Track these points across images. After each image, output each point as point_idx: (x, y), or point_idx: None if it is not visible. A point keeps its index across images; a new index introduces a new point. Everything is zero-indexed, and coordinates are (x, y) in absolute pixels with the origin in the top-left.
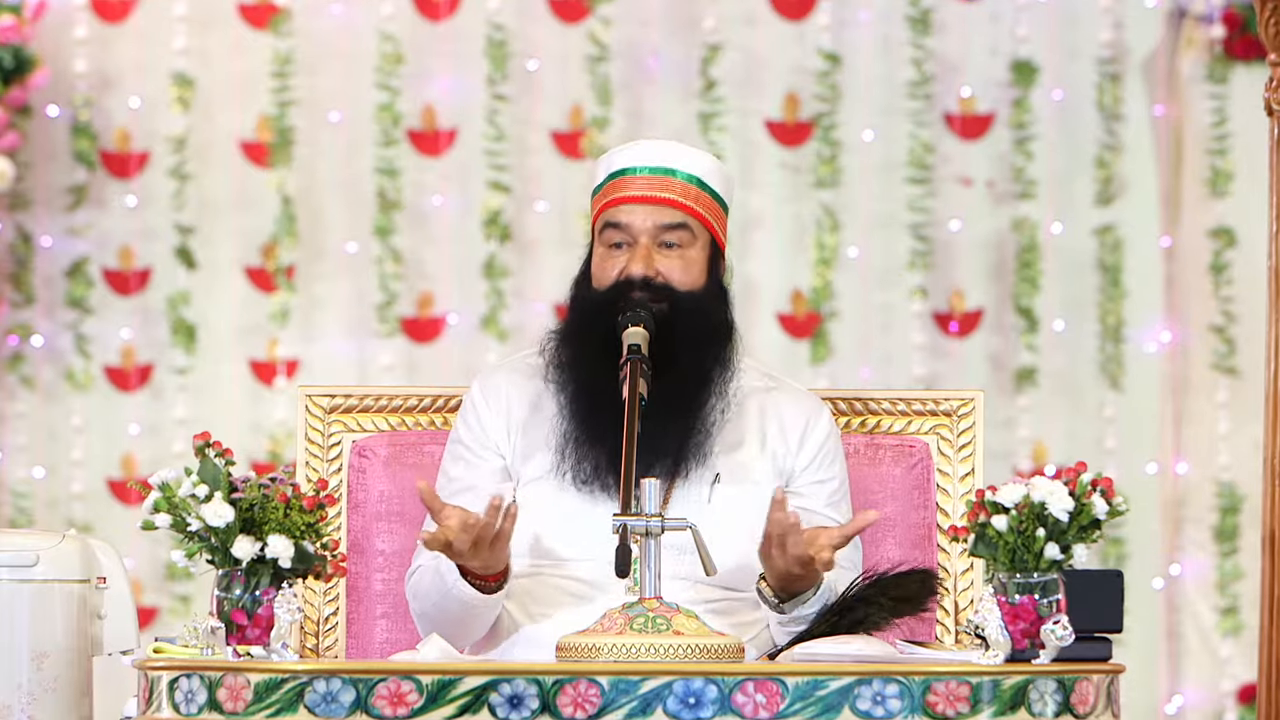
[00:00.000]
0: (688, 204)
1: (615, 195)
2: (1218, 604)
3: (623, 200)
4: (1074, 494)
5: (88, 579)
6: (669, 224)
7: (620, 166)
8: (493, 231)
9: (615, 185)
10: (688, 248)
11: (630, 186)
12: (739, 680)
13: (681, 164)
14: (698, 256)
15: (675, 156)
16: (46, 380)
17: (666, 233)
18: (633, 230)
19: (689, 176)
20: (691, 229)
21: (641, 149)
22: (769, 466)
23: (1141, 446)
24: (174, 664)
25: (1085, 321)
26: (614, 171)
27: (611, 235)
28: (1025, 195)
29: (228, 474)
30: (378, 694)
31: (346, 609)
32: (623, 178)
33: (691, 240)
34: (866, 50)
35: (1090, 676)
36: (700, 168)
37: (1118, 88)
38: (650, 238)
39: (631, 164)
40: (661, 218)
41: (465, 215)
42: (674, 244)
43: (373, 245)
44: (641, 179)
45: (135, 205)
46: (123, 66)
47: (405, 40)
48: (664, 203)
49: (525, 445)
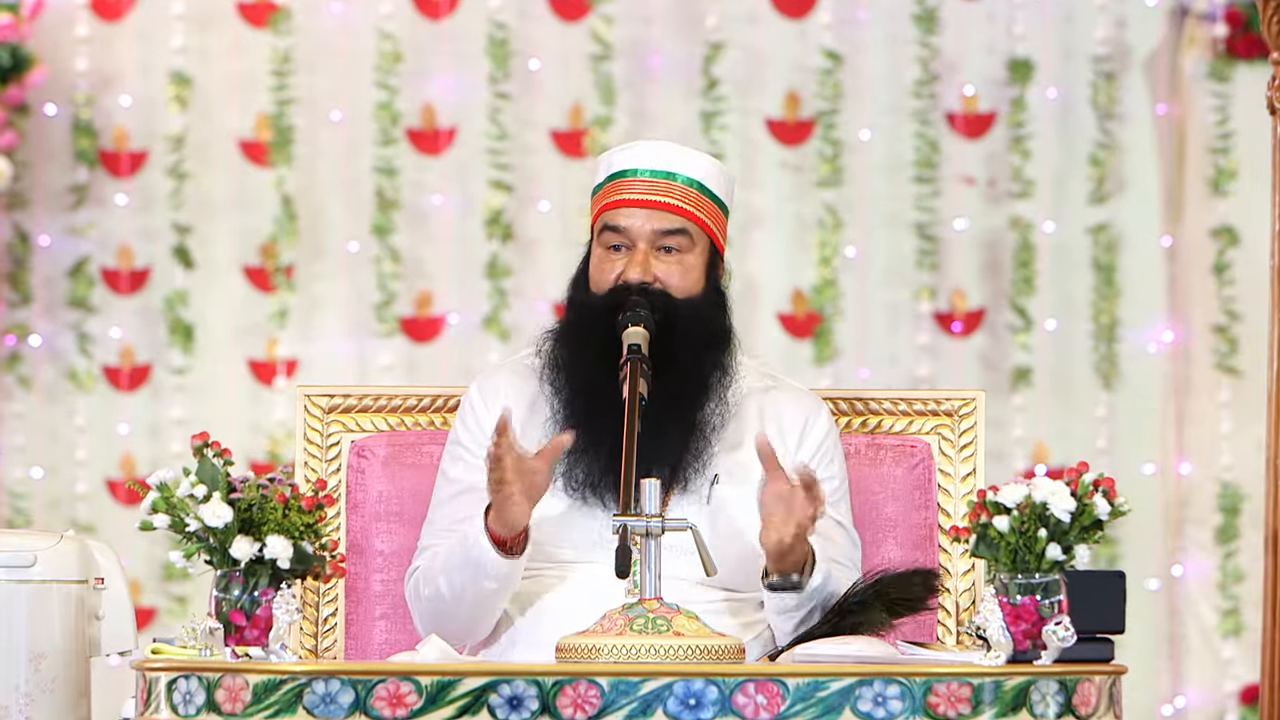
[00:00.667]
0: (687, 209)
1: (615, 197)
2: (1220, 605)
3: (622, 203)
4: (1076, 494)
5: (85, 580)
6: (668, 229)
7: (621, 167)
8: (495, 231)
9: (615, 187)
10: (686, 253)
11: (630, 189)
12: (739, 681)
13: (682, 167)
14: (696, 262)
15: (676, 159)
16: (44, 380)
17: (665, 238)
18: (631, 234)
19: (689, 180)
20: (690, 234)
21: (642, 150)
22: None
23: (1139, 447)
24: (172, 665)
25: (1082, 321)
26: (614, 172)
27: (610, 238)
28: (1023, 194)
29: (226, 474)
30: (377, 695)
31: (345, 610)
32: (623, 179)
33: (690, 245)
34: (868, 48)
35: (1092, 678)
36: (701, 171)
37: (1114, 87)
38: (648, 242)
39: (632, 165)
40: (660, 223)
41: (466, 215)
42: (672, 249)
43: (372, 245)
44: (642, 182)
45: (134, 204)
46: (121, 65)
47: (405, 39)
48: (663, 207)
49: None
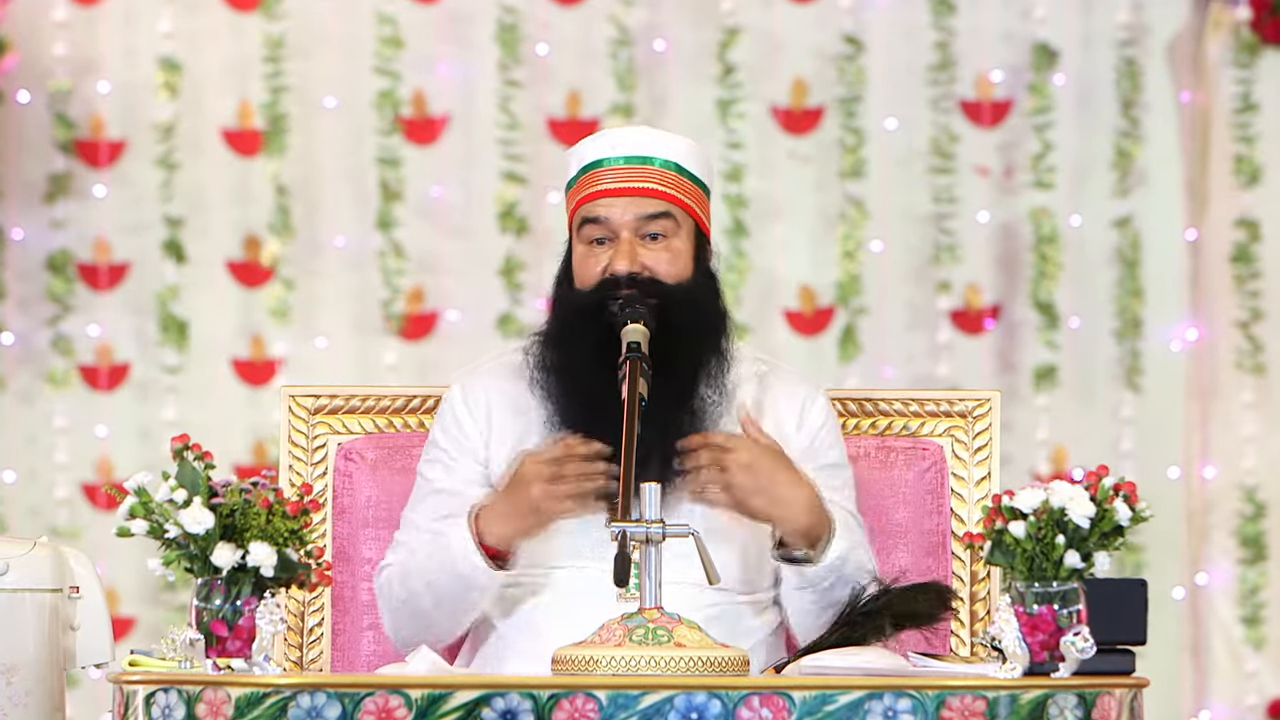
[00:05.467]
0: (668, 191)
1: (591, 189)
2: (1245, 614)
3: (600, 194)
4: (1095, 499)
5: (60, 588)
6: (651, 214)
7: (594, 158)
8: (509, 225)
9: (590, 179)
10: (672, 238)
11: (606, 179)
12: (744, 694)
13: (657, 150)
14: (683, 246)
15: (650, 143)
16: (20, 380)
17: (649, 224)
18: (613, 224)
19: (666, 162)
20: (675, 217)
21: (613, 137)
22: None
23: (1165, 449)
24: (150, 678)
25: (1103, 318)
26: (588, 164)
27: (591, 231)
28: (1042, 185)
29: (207, 478)
30: (365, 709)
31: (332, 620)
32: (597, 170)
33: (675, 229)
34: (886, 33)
35: (1113, 691)
36: (677, 152)
37: (1137, 72)
38: (632, 231)
39: (605, 154)
40: (642, 209)
41: (471, 206)
42: (658, 235)
43: (373, 239)
44: (617, 170)
45: (114, 196)
46: (102, 50)
47: (404, 23)
48: (643, 193)
49: (508, 453)
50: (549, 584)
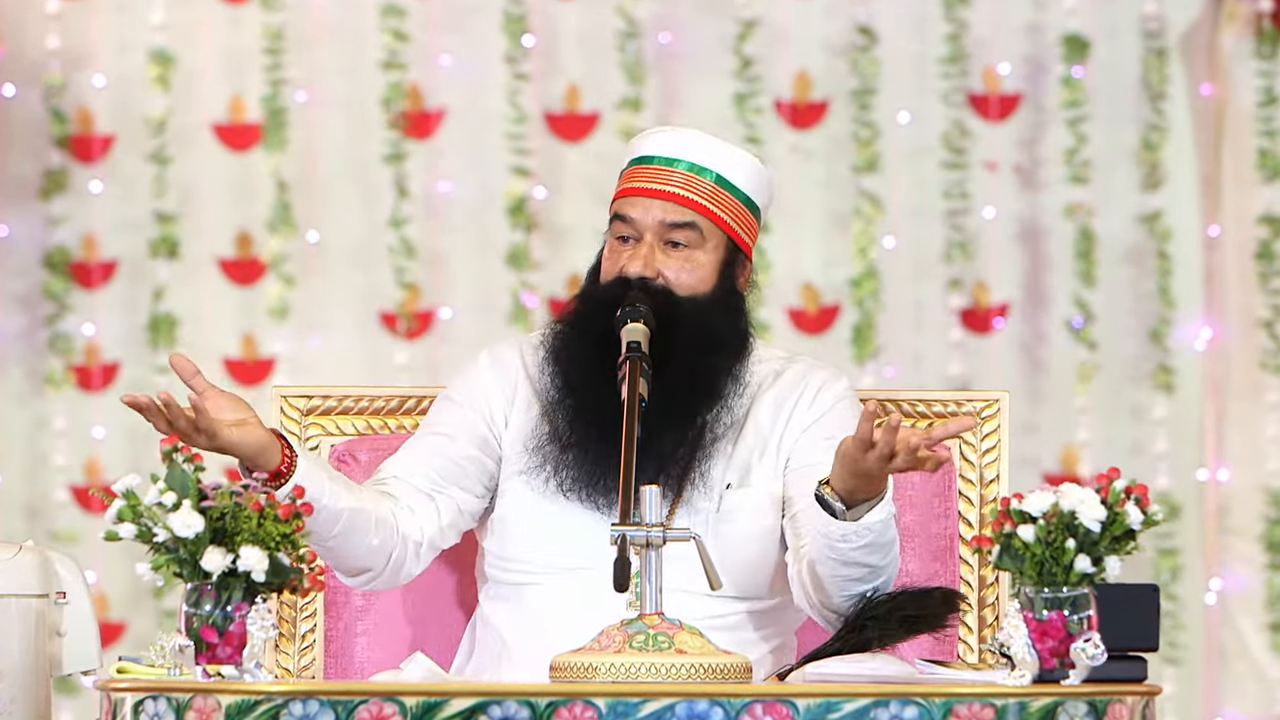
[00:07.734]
0: (699, 201)
1: (627, 185)
2: (1265, 620)
3: (632, 191)
4: (1106, 502)
5: (46, 594)
6: (675, 222)
7: (642, 153)
8: (519, 221)
9: (633, 173)
10: (695, 249)
11: (641, 177)
12: (746, 702)
13: (703, 158)
14: (706, 260)
15: (695, 149)
16: (11, 380)
17: (672, 231)
18: (638, 225)
19: (706, 171)
20: (700, 229)
21: (663, 137)
22: (775, 460)
23: (1190, 450)
24: (139, 685)
25: (1125, 316)
26: (635, 158)
27: (619, 228)
28: (1057, 179)
29: (197, 480)
30: (358, 717)
31: (324, 626)
32: (639, 166)
33: (700, 241)
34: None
35: (1124, 698)
36: (725, 164)
37: (1163, 64)
38: (655, 234)
39: (651, 152)
40: (667, 214)
41: (482, 202)
42: (680, 243)
43: (380, 235)
44: (655, 170)
45: (108, 192)
46: (96, 43)
47: (409, 13)
48: (671, 198)
49: (513, 433)
50: (548, 588)
